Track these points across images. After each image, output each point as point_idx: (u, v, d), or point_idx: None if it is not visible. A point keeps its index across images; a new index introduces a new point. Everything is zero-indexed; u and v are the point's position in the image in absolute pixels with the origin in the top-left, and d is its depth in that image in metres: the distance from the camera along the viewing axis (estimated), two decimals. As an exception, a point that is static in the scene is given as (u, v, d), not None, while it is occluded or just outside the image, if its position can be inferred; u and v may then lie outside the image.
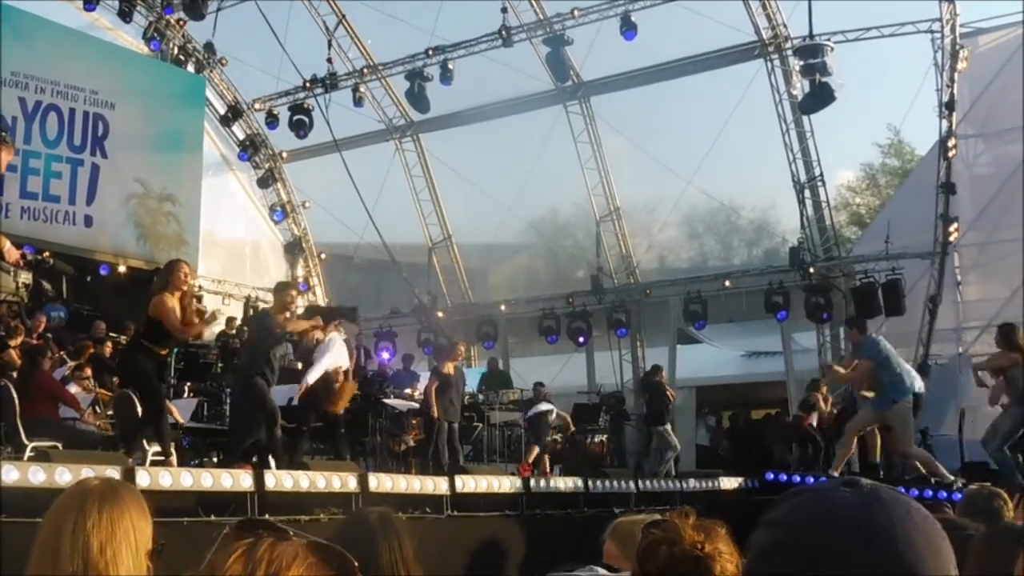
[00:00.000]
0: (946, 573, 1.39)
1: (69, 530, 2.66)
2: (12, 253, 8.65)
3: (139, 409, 11.43)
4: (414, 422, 16.86)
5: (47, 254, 18.59)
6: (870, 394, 14.47)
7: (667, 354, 22.37)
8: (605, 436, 20.39)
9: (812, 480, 14.43)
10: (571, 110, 23.59)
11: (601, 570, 4.03)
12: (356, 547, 3.80)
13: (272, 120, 25.35)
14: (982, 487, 5.63)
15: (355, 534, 3.80)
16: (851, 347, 15.05)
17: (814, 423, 17.78)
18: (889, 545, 1.36)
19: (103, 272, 21.35)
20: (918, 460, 14.27)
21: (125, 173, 22.09)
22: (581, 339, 23.04)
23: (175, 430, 13.19)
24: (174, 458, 11.03)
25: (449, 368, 15.00)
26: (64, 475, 7.74)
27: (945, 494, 12.84)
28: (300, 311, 15.15)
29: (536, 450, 17.42)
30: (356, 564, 1.57)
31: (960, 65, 18.66)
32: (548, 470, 17.53)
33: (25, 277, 8.34)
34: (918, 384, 14.33)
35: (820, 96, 18.72)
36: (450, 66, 22.35)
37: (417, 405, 16.40)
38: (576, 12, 21.23)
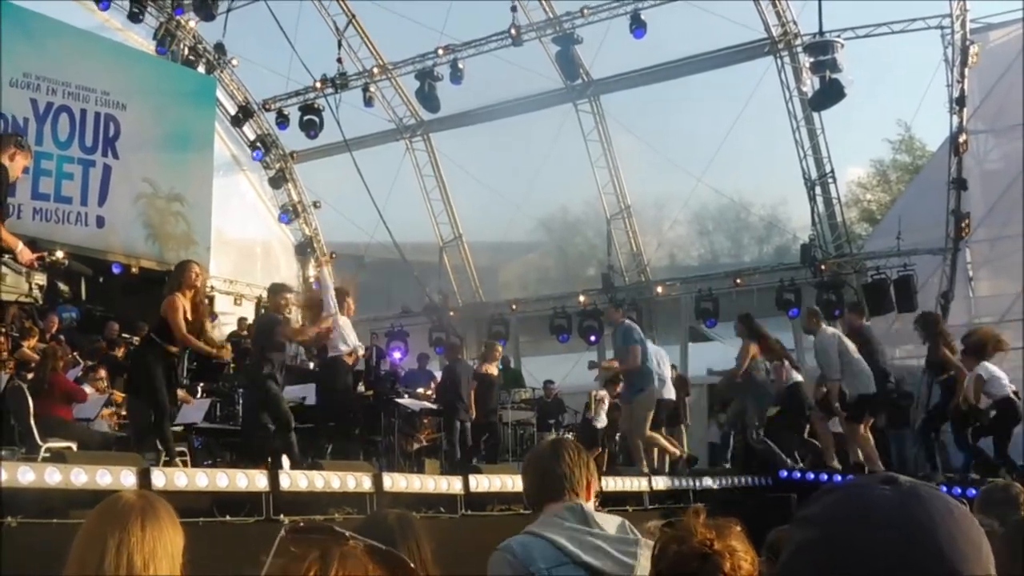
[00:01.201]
0: (986, 572, 1.37)
1: (113, 547, 2.67)
2: (25, 254, 8.65)
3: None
4: (426, 421, 16.89)
5: (63, 255, 18.64)
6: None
7: (679, 352, 22.33)
8: (618, 434, 20.34)
9: (825, 478, 14.44)
10: (581, 108, 23.61)
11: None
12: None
13: (283, 120, 25.38)
14: (996, 481, 5.64)
15: (374, 535, 3.81)
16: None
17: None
18: (930, 544, 1.34)
19: (115, 272, 21.39)
20: (640, 448, 14.38)
21: (135, 173, 22.14)
22: (592, 337, 23.00)
23: (187, 431, 13.25)
24: (188, 459, 11.08)
25: (491, 368, 16.10)
26: (80, 476, 7.76)
27: (960, 490, 12.88)
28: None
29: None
30: (413, 567, 1.60)
31: (970, 61, 18.62)
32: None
33: (39, 278, 8.35)
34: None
35: (830, 93, 18.68)
36: (460, 65, 22.36)
37: (430, 405, 16.47)
38: (586, 10, 21.23)
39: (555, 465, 3.74)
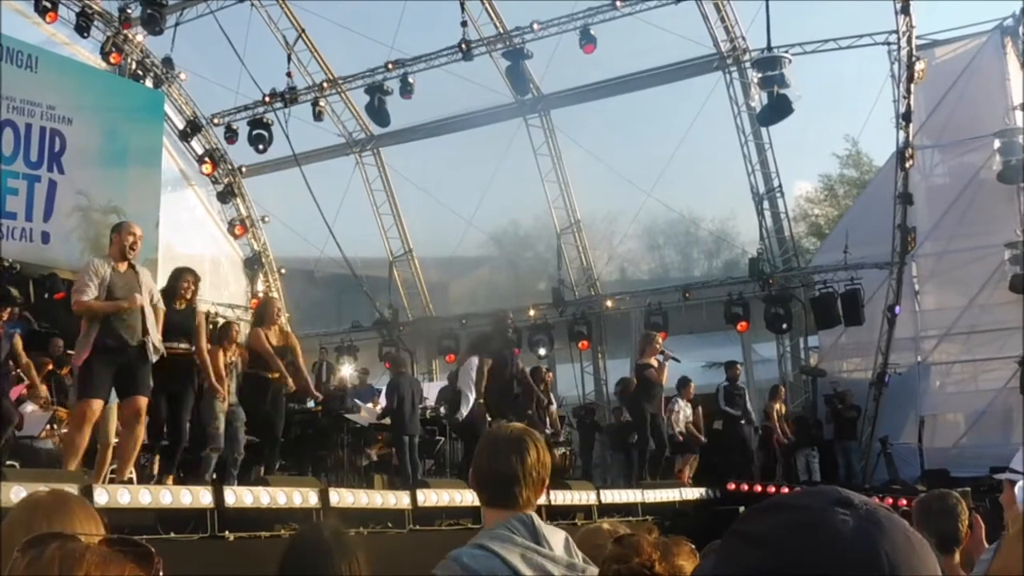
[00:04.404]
0: None
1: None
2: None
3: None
4: (380, 437, 16.82)
5: (12, 260, 18.42)
6: None
7: (628, 366, 22.32)
8: (567, 448, 20.35)
9: (774, 490, 14.50)
10: (531, 123, 23.63)
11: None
12: (311, 565, 3.74)
13: (231, 135, 25.20)
14: (932, 492, 5.64)
15: (310, 551, 3.74)
16: None
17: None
18: None
19: (61, 290, 21.04)
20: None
21: (80, 188, 21.82)
22: (542, 351, 23.04)
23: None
24: (134, 476, 10.94)
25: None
26: (20, 494, 7.63)
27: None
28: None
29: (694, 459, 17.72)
30: (153, 550, 1.60)
31: (916, 77, 18.81)
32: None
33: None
34: None
35: (778, 108, 18.81)
36: (410, 80, 22.32)
37: (380, 420, 16.43)
38: (536, 25, 21.28)
39: (517, 464, 3.40)
